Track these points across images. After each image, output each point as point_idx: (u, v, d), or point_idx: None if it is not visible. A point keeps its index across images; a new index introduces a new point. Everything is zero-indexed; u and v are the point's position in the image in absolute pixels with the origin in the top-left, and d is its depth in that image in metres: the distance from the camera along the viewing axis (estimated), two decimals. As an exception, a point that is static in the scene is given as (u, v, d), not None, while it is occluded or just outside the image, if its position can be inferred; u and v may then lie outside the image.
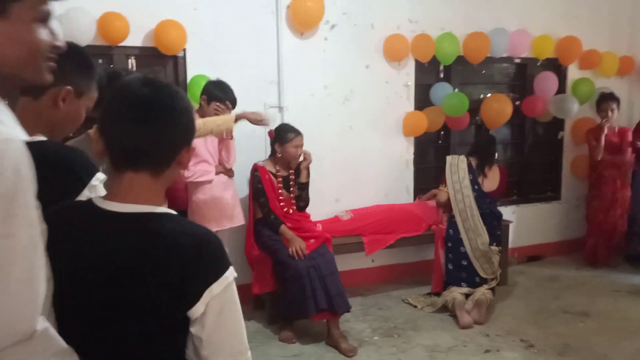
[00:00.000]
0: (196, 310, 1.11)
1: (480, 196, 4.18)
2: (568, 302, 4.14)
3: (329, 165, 4.29)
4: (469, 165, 4.23)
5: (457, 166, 4.23)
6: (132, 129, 1.14)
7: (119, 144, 1.15)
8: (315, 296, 3.42)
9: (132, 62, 3.77)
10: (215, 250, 1.16)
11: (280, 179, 3.70)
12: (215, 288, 1.12)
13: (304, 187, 3.80)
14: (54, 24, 1.07)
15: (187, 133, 1.20)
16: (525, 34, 4.79)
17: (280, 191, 3.69)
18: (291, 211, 3.73)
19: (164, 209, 1.18)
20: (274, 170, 3.70)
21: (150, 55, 3.78)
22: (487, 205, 4.21)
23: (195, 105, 3.43)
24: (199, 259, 1.12)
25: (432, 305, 4.11)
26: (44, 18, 1.03)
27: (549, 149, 5.36)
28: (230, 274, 1.15)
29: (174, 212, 1.19)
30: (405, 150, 4.66)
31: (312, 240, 3.62)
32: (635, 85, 5.42)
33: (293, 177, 3.76)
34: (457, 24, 4.58)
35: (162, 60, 3.85)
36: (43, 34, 1.03)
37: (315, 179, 3.90)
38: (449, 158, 4.29)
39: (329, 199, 4.34)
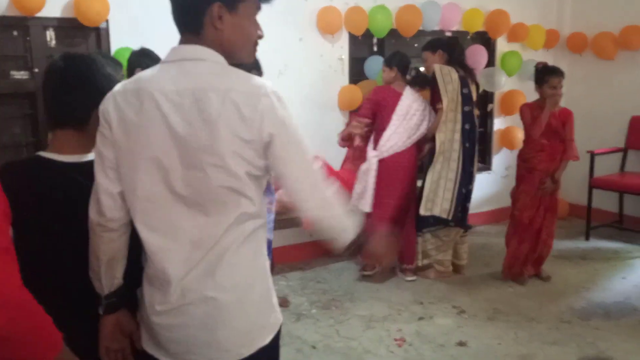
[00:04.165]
0: None
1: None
2: (497, 269, 4.29)
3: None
4: (462, 77, 3.95)
5: (449, 75, 3.93)
6: (52, 95, 1.47)
7: (48, 108, 1.49)
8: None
9: (50, 35, 3.55)
10: None
11: None
12: None
13: None
14: None
15: (98, 95, 1.41)
16: (456, 7, 4.84)
17: None
18: None
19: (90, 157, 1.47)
20: None
21: (70, 26, 3.57)
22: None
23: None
24: None
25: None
26: (257, 13, 1.39)
27: (479, 121, 5.49)
28: None
29: None
30: (341, 125, 4.65)
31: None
32: (559, 57, 5.61)
33: None
34: (389, -3, 4.58)
35: (83, 32, 3.64)
36: (256, 26, 1.39)
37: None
38: (437, 66, 3.94)
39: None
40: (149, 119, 1.30)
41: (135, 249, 1.43)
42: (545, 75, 3.87)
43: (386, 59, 4.17)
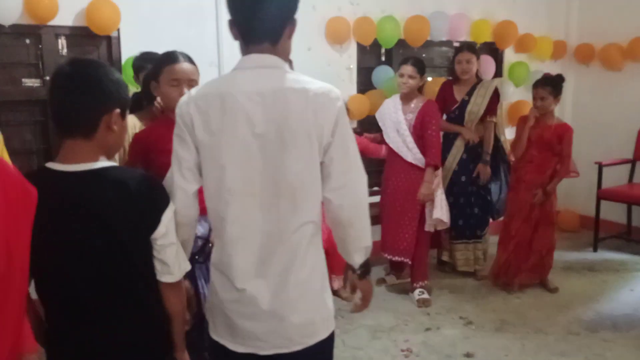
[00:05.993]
0: (159, 232, 1.43)
1: None
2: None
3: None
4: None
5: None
6: (60, 100, 1.41)
7: (55, 115, 1.43)
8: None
9: (62, 43, 3.59)
10: (158, 184, 1.49)
11: None
12: (169, 212, 1.46)
13: None
14: None
15: (106, 100, 1.42)
16: (464, 17, 4.87)
17: None
18: None
19: (102, 163, 1.43)
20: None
21: (81, 35, 3.61)
22: None
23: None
24: (150, 191, 1.43)
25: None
26: None
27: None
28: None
29: (111, 164, 1.45)
30: (348, 134, 4.66)
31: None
32: (567, 69, 5.61)
33: None
34: (398, 7, 4.61)
35: (94, 40, 3.68)
36: None
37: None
38: (499, 82, 4.42)
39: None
40: (232, 118, 1.43)
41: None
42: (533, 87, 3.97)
43: (417, 64, 3.79)
